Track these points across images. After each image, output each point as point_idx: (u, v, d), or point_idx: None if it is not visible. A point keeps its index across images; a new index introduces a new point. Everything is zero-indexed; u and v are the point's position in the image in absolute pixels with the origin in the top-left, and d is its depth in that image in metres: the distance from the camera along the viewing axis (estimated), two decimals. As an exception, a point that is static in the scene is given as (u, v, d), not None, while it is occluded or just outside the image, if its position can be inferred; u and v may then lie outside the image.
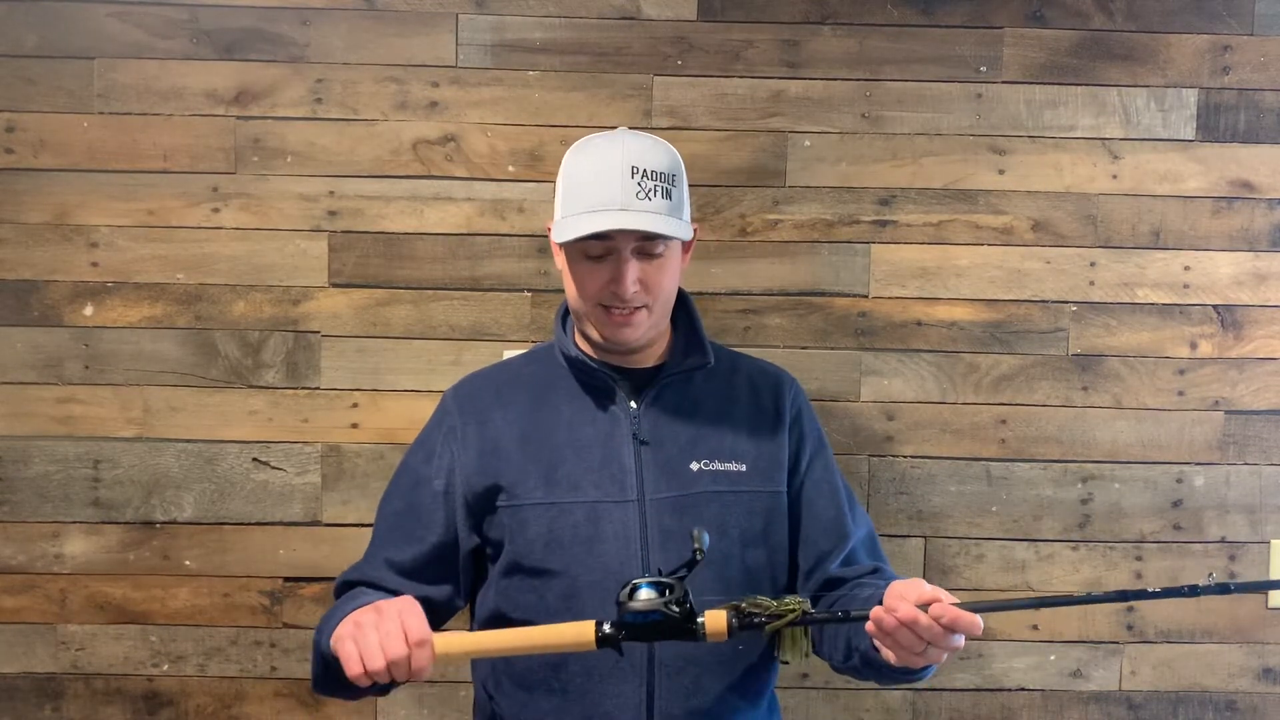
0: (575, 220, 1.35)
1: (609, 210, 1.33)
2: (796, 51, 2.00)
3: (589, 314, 1.40)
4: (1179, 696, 2.07)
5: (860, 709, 2.05)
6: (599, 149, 1.39)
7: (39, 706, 2.01)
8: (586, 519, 1.37)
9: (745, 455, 1.43)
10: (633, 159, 1.35)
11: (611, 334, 1.40)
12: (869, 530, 1.52)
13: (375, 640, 1.16)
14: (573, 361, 1.44)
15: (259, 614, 2.01)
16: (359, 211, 1.99)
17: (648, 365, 1.47)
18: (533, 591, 1.38)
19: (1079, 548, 2.06)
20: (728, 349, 1.58)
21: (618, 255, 1.35)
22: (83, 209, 1.98)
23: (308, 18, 1.97)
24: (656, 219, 1.34)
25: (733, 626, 1.16)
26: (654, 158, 1.37)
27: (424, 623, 1.19)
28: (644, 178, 1.35)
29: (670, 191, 1.37)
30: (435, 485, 1.43)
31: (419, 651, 1.16)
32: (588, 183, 1.36)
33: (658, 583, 1.17)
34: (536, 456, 1.40)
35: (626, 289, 1.35)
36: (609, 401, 1.43)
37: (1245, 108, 2.02)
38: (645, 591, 1.17)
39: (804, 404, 1.53)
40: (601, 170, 1.35)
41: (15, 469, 1.99)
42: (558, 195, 1.42)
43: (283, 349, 1.99)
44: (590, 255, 1.36)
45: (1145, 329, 2.04)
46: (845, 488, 1.53)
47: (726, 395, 1.48)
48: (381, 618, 1.18)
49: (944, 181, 2.02)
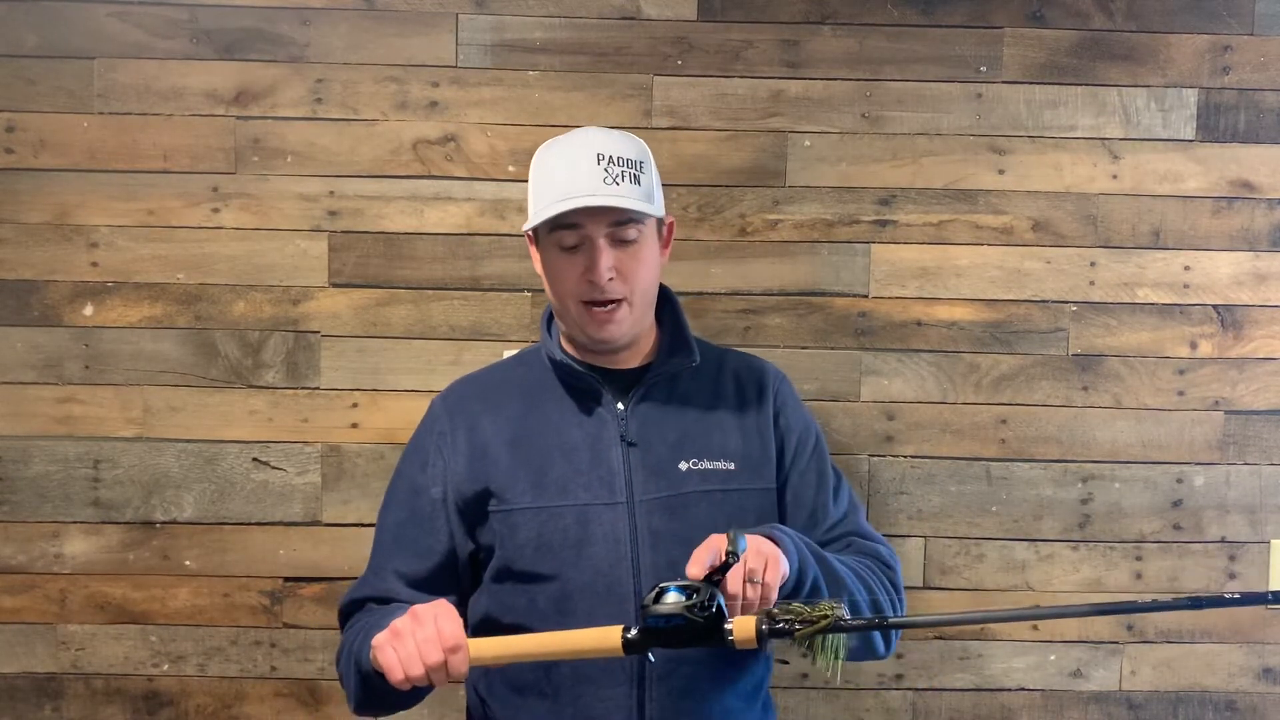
0: (545, 209, 1.36)
1: (576, 196, 1.34)
2: (796, 51, 2.00)
3: (571, 313, 1.40)
4: (1179, 696, 2.07)
5: (860, 709, 2.05)
6: (564, 143, 1.41)
7: (39, 706, 2.01)
8: (576, 522, 1.37)
9: (734, 453, 1.43)
10: (598, 148, 1.36)
11: (595, 332, 1.39)
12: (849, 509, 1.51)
13: (413, 647, 1.19)
14: (558, 365, 1.44)
15: (259, 614, 2.01)
16: (359, 211, 1.99)
17: (633, 365, 1.46)
18: (524, 596, 1.38)
19: (1079, 548, 2.06)
20: (713, 345, 1.57)
21: (590, 243, 1.36)
22: (83, 209, 1.98)
23: (308, 18, 1.97)
24: (624, 201, 1.35)
25: (762, 634, 1.14)
26: (620, 145, 1.38)
27: (459, 627, 1.21)
28: (610, 164, 1.35)
29: (639, 178, 1.38)
30: (434, 493, 1.42)
31: (454, 657, 1.19)
32: (554, 174, 1.37)
33: (685, 587, 1.15)
34: (525, 461, 1.40)
35: (601, 275, 1.35)
36: (595, 404, 1.43)
37: (1245, 108, 2.02)
38: (671, 595, 1.14)
39: (789, 395, 1.52)
40: (568, 162, 1.37)
41: (15, 469, 1.99)
42: (530, 195, 1.42)
43: (283, 349, 2.00)
44: (564, 246, 1.37)
45: (1145, 329, 2.04)
46: (835, 472, 1.52)
47: (713, 393, 1.47)
48: (418, 624, 1.20)
49: (944, 181, 2.02)
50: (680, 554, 1.21)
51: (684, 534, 1.32)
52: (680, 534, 1.33)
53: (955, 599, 2.05)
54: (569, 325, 1.43)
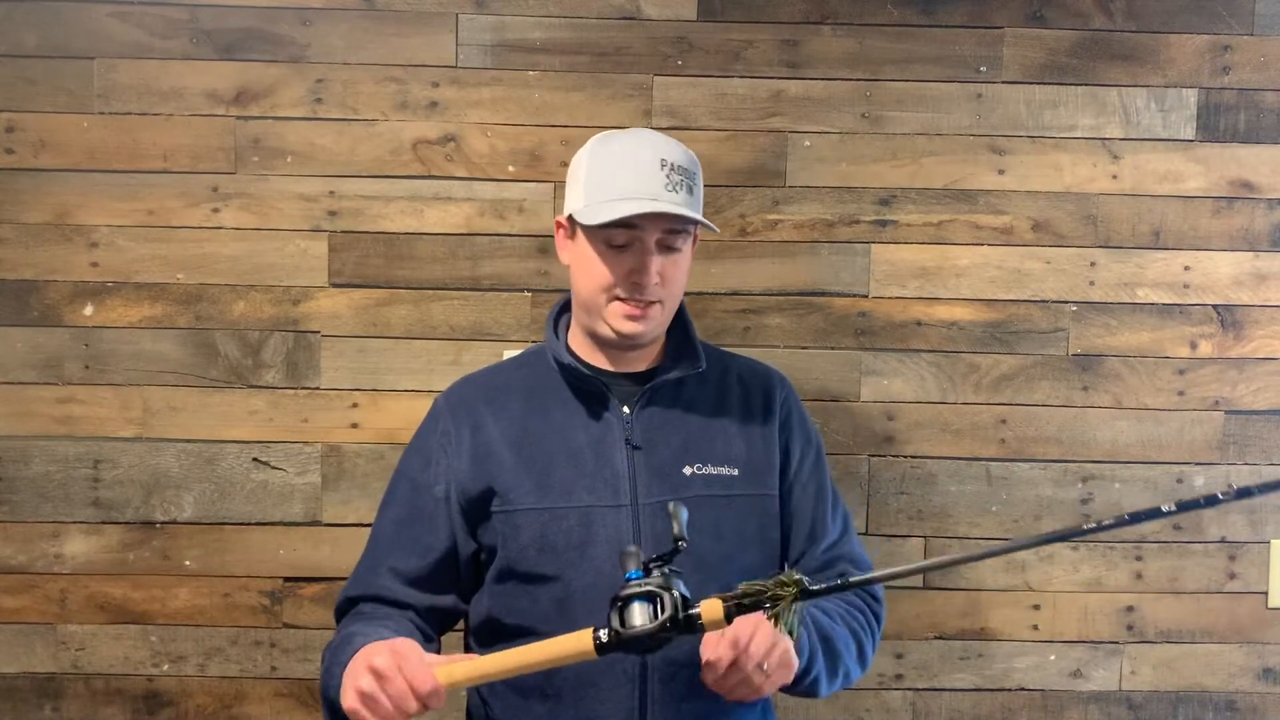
0: (606, 206, 1.35)
1: (640, 198, 1.34)
2: (796, 51, 2.00)
3: (601, 305, 1.40)
4: (1179, 696, 2.07)
5: (860, 709, 2.05)
6: (626, 141, 1.41)
7: (39, 706, 2.01)
8: (580, 524, 1.37)
9: (737, 459, 1.44)
10: (661, 152, 1.38)
11: (622, 326, 1.39)
12: (844, 532, 1.53)
13: (389, 706, 1.17)
14: (565, 368, 1.44)
15: (259, 614, 2.01)
16: (359, 211, 1.99)
17: (640, 369, 1.47)
18: (526, 596, 1.38)
19: (1079, 548, 2.06)
20: (718, 349, 1.58)
21: (642, 245, 1.36)
22: (83, 209, 1.98)
23: (308, 18, 1.97)
24: (690, 211, 1.37)
25: (731, 613, 1.13)
26: (680, 154, 1.40)
27: (426, 669, 1.18)
28: (672, 170, 1.37)
29: (692, 188, 1.40)
30: (436, 491, 1.42)
31: (431, 700, 1.18)
32: (618, 170, 1.37)
33: (647, 593, 1.12)
34: (529, 462, 1.40)
35: (649, 279, 1.36)
36: (601, 406, 1.43)
37: (1245, 108, 2.03)
38: (637, 609, 1.12)
39: (795, 404, 1.53)
40: (632, 160, 1.37)
41: (15, 469, 1.99)
42: (579, 183, 1.41)
43: (283, 349, 2.00)
44: (614, 244, 1.37)
45: (1145, 329, 2.04)
46: (832, 488, 1.53)
47: (718, 399, 1.48)
48: (385, 681, 1.17)
49: (944, 181, 2.02)
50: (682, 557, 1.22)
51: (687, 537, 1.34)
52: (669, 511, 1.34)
53: (955, 599, 2.05)
54: (592, 318, 1.42)
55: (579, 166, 1.42)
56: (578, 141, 1.98)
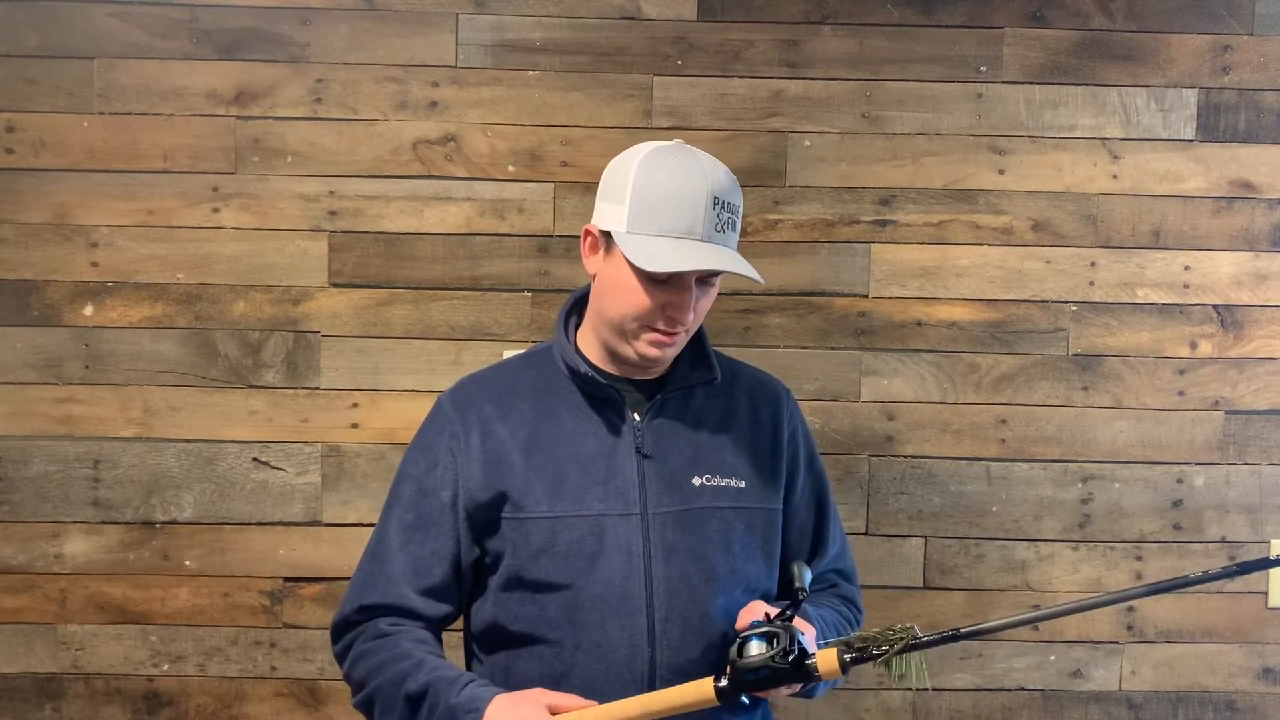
0: (655, 244, 1.32)
1: (692, 239, 1.32)
2: (796, 51, 2.00)
3: (628, 330, 1.37)
4: (1179, 696, 2.07)
5: (860, 709, 2.05)
6: (677, 168, 1.35)
7: (39, 706, 2.01)
8: (591, 532, 1.36)
9: (744, 471, 1.43)
10: (714, 188, 1.34)
11: (648, 352, 1.37)
12: (842, 548, 1.55)
13: None
14: (579, 375, 1.42)
15: (259, 614, 2.01)
16: (359, 211, 1.99)
17: (651, 378, 1.46)
18: (533, 604, 1.37)
19: (1079, 548, 2.06)
20: (726, 356, 1.57)
21: (682, 281, 1.34)
22: (83, 209, 1.98)
23: (308, 18, 1.97)
24: (739, 261, 1.35)
25: (845, 663, 1.21)
26: (730, 188, 1.37)
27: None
28: (723, 209, 1.34)
29: (737, 224, 1.39)
30: (443, 497, 1.40)
31: None
32: (665, 201, 1.33)
33: (766, 633, 1.23)
34: (540, 469, 1.39)
35: (687, 317, 1.35)
36: (613, 414, 1.41)
37: (1245, 108, 2.03)
38: (754, 646, 1.22)
39: (800, 420, 1.54)
40: (684, 194, 1.33)
41: (15, 469, 1.99)
42: (622, 203, 1.35)
43: (283, 349, 2.00)
44: (656, 279, 1.34)
45: (1145, 329, 2.04)
46: (832, 504, 1.54)
47: (727, 409, 1.47)
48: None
49: (944, 181, 2.02)
50: (691, 568, 1.23)
51: (696, 548, 1.35)
52: (692, 548, 1.35)
53: (955, 599, 2.05)
54: (617, 340, 1.39)
55: (623, 183, 1.36)
56: (578, 141, 2.00)
